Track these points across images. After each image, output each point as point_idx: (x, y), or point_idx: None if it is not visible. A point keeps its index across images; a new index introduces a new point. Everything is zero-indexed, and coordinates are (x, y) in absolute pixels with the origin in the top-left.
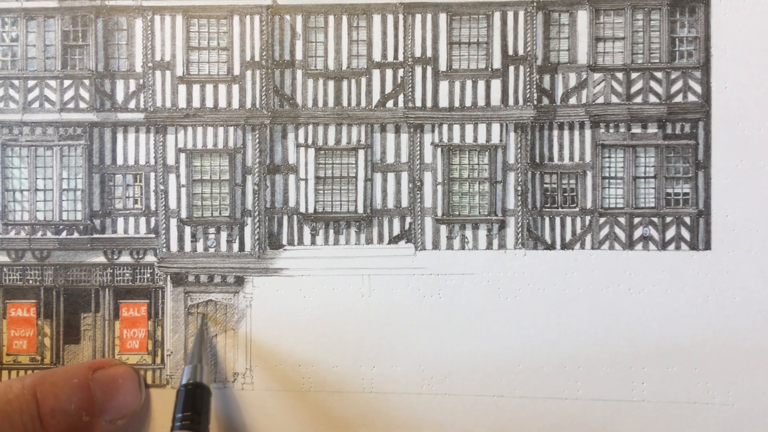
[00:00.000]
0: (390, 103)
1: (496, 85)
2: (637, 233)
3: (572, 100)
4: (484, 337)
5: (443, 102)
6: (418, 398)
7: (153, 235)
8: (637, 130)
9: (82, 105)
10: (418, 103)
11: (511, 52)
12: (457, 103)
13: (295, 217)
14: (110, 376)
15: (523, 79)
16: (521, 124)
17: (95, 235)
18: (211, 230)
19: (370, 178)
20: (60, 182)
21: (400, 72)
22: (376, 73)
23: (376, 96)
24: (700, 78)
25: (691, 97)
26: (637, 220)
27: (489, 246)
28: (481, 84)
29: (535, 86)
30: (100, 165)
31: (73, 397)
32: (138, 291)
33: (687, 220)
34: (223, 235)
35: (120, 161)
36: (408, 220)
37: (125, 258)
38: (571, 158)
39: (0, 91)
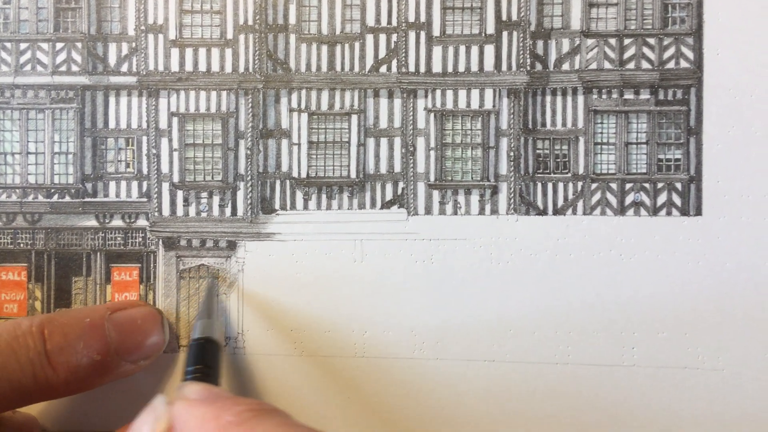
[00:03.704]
0: (383, 68)
1: (489, 50)
2: (629, 199)
3: (565, 66)
4: (476, 302)
5: (436, 67)
6: (409, 363)
7: (145, 199)
8: (629, 96)
9: (75, 68)
10: (412, 69)
11: (504, 17)
12: (450, 69)
13: (287, 181)
14: (129, 317)
15: (517, 44)
16: (514, 90)
17: (87, 199)
18: (204, 194)
19: (363, 143)
20: (52, 145)
21: (394, 37)
22: (369, 38)
23: (369, 61)
24: (693, 44)
25: (684, 64)
26: (628, 185)
27: (481, 211)
28: (475, 49)
29: (528, 52)
30: (92, 128)
31: (83, 337)
32: (130, 255)
33: (678, 186)
34: (216, 199)
35: (112, 125)
36: (401, 185)
37: (117, 222)
38: (564, 124)
39: None
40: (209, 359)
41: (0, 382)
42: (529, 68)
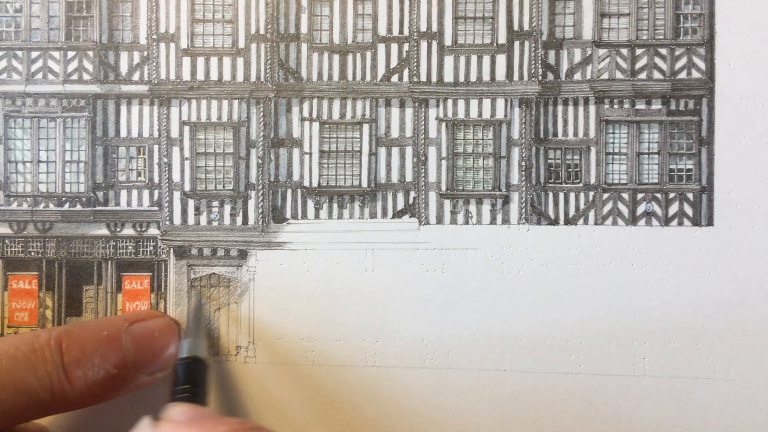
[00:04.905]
0: (395, 78)
1: (501, 60)
2: (640, 209)
3: (577, 76)
4: (487, 312)
5: (448, 77)
6: (420, 372)
7: (156, 208)
8: (641, 106)
9: (86, 77)
10: (423, 78)
11: (516, 27)
12: (462, 78)
13: (299, 190)
14: (146, 329)
15: (528, 54)
16: (526, 100)
17: (98, 208)
18: (215, 203)
19: (374, 153)
20: (63, 154)
21: (406, 46)
22: (381, 48)
23: (381, 70)
24: (704, 55)
25: (695, 74)
26: (640, 195)
27: (493, 221)
28: (486, 59)
29: (540, 62)
30: (103, 137)
31: (100, 350)
32: (141, 264)
33: (690, 196)
34: (227, 208)
35: (123, 133)
36: (412, 194)
37: (128, 231)
38: (576, 134)
39: (3, 62)
40: (196, 379)
41: (18, 395)
42: (540, 78)
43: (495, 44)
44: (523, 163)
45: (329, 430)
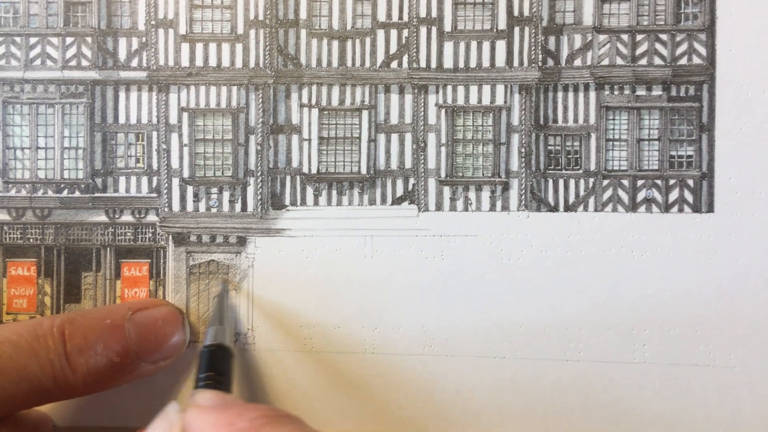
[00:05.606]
0: (394, 64)
1: (501, 46)
2: (641, 195)
3: (577, 62)
4: (487, 299)
5: (448, 63)
6: (419, 359)
7: (155, 195)
8: (641, 92)
9: (84, 63)
10: (423, 64)
11: (516, 12)
12: (461, 65)
13: (298, 177)
14: (150, 318)
15: (528, 40)
16: (526, 86)
17: (96, 194)
18: (214, 190)
19: (373, 139)
20: (61, 140)
21: (405, 32)
22: (380, 33)
23: (380, 56)
24: (705, 40)
25: (696, 60)
26: (640, 182)
27: (492, 208)
28: (486, 45)
29: (540, 48)
30: (102, 123)
31: (103, 338)
32: (139, 250)
33: (690, 182)
34: (226, 195)
35: (122, 120)
36: (411, 181)
37: (127, 217)
38: (576, 120)
39: (1, 48)
40: (221, 366)
41: (20, 382)
42: (540, 64)
43: (495, 30)
44: (523, 150)
45: (327, 418)
